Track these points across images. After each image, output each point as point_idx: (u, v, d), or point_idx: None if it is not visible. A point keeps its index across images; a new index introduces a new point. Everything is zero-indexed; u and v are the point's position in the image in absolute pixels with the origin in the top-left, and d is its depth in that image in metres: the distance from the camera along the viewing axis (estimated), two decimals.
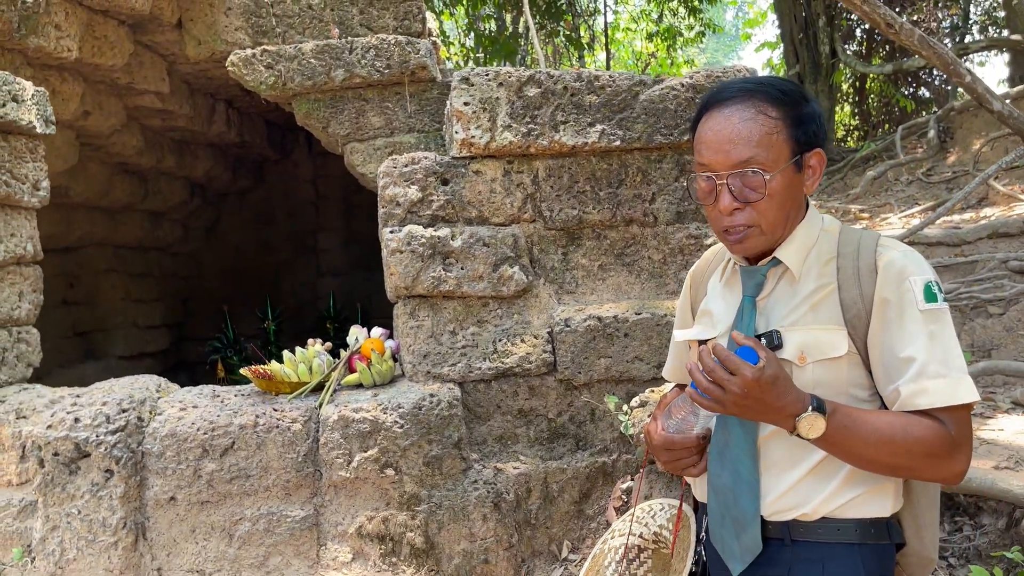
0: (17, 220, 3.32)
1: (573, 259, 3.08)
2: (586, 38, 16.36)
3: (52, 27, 4.00)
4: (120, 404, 2.77)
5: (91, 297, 6.89)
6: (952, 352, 1.36)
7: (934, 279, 1.40)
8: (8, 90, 3.10)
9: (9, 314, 3.28)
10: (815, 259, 1.47)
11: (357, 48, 4.47)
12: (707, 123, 1.45)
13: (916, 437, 1.31)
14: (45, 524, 2.67)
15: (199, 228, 8.50)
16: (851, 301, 1.42)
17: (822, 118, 1.50)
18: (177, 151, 6.66)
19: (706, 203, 1.48)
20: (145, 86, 5.16)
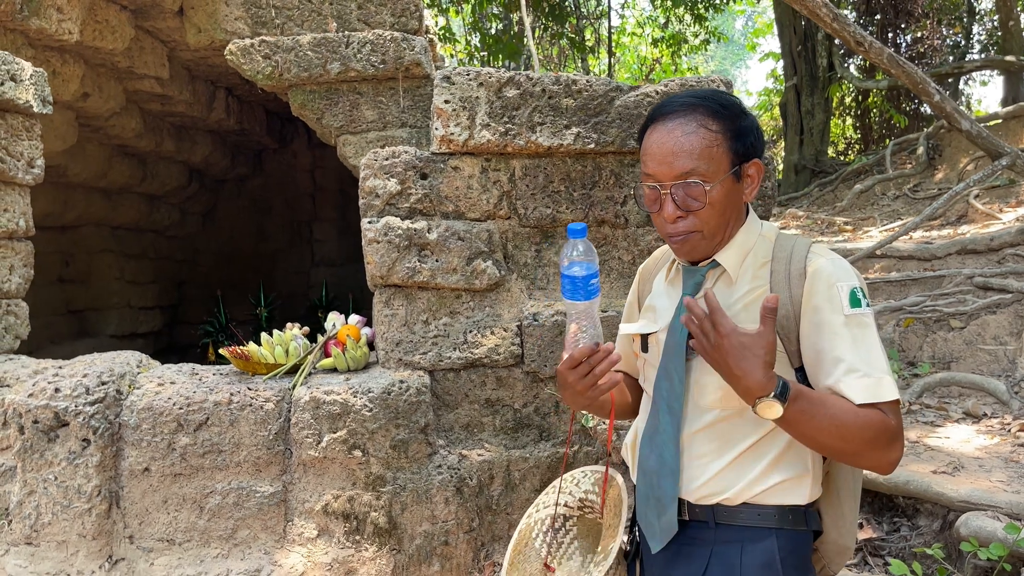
0: (11, 196, 3.42)
1: (546, 256, 3.18)
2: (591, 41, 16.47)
3: (54, 9, 4.10)
4: (100, 377, 2.87)
5: (86, 276, 6.99)
6: (874, 354, 1.45)
7: (859, 286, 1.50)
8: (6, 69, 3.20)
9: (0, 287, 3.38)
10: (751, 262, 1.57)
11: (353, 42, 4.57)
12: (652, 135, 1.54)
13: (863, 423, 1.39)
14: (23, 489, 2.77)
15: (196, 213, 8.60)
16: (780, 303, 1.50)
17: (759, 131, 1.60)
18: (176, 136, 6.76)
19: (652, 210, 1.57)
20: (145, 71, 5.26)
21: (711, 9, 14.26)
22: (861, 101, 14.15)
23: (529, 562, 1.91)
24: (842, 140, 16.09)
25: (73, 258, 6.87)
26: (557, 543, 1.93)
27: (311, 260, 9.22)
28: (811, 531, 1.58)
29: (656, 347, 1.66)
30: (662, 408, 1.59)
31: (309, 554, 2.85)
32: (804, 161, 11.94)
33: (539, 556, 1.90)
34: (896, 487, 2.63)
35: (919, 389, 3.73)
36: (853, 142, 15.53)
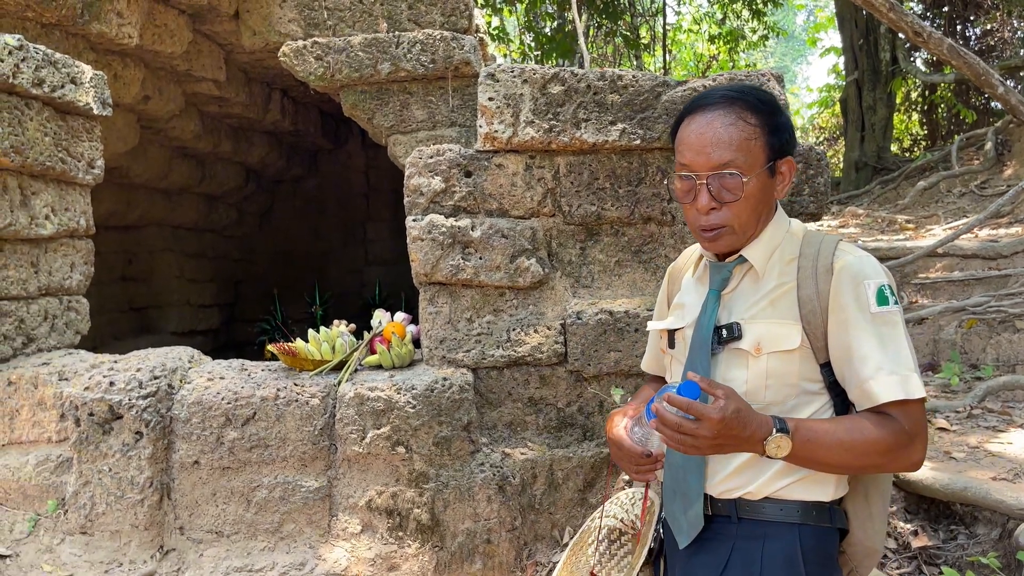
0: (72, 195, 3.53)
1: (590, 254, 3.15)
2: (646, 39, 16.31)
3: (114, 14, 4.23)
4: (153, 371, 2.94)
5: (148, 274, 7.20)
6: (902, 352, 1.45)
7: (887, 283, 1.49)
8: (67, 72, 3.30)
9: (61, 283, 3.50)
10: (778, 259, 1.57)
11: (403, 42, 4.60)
12: (690, 126, 1.55)
13: (873, 438, 1.40)
14: (78, 479, 2.86)
15: (253, 213, 8.78)
16: (807, 298, 1.51)
17: (793, 129, 1.61)
18: (233, 137, 6.91)
19: (684, 201, 1.58)
20: (203, 73, 5.39)
21: (770, 4, 13.98)
22: (927, 96, 13.70)
23: (579, 569, 1.94)
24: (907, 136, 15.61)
25: (135, 257, 7.09)
26: (610, 554, 1.95)
27: (364, 259, 9.34)
28: (836, 528, 1.57)
29: (683, 343, 1.67)
30: None
31: (353, 549, 2.87)
32: (865, 158, 11.61)
33: (588, 563, 1.94)
34: (954, 494, 2.53)
35: (981, 393, 3.59)
36: (919, 138, 15.05)
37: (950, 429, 3.32)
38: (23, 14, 3.83)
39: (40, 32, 3.97)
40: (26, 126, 3.11)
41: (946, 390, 3.96)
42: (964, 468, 2.76)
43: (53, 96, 3.22)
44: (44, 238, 3.36)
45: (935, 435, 3.23)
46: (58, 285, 3.48)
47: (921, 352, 4.76)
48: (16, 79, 3.02)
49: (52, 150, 3.28)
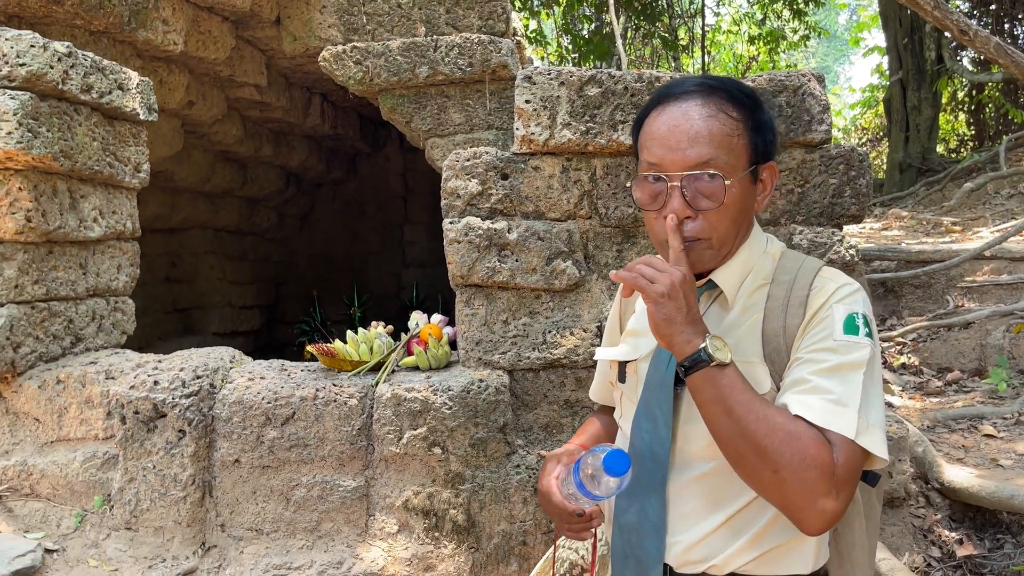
0: (118, 199, 3.62)
1: (627, 257, 3.13)
2: (685, 40, 16.20)
3: (160, 21, 4.32)
4: (195, 371, 3.00)
5: (191, 276, 7.34)
6: (853, 390, 1.17)
7: (861, 312, 1.25)
8: (114, 78, 3.39)
9: (108, 284, 3.58)
10: (750, 284, 1.35)
11: (441, 46, 4.64)
12: (660, 117, 1.29)
13: (796, 432, 1.13)
14: (124, 476, 2.93)
15: (293, 216, 8.91)
16: (773, 333, 1.27)
17: (776, 130, 1.39)
18: (274, 141, 7.02)
19: (650, 209, 1.31)
20: (245, 79, 5.48)
21: (812, 4, 13.79)
22: (974, 95, 13.40)
23: None
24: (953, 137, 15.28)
25: (179, 259, 7.23)
26: None
27: (402, 261, 9.41)
28: None
29: (635, 378, 1.43)
30: (644, 453, 1.35)
31: (390, 549, 2.89)
32: (910, 159, 11.39)
33: None
34: (1000, 501, 2.47)
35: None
36: (966, 139, 14.72)
37: (997, 436, 3.24)
38: (72, 22, 3.94)
39: (88, 39, 4.08)
40: (75, 131, 3.20)
41: (993, 396, 3.87)
42: (1011, 475, 2.69)
43: (101, 102, 3.30)
44: (92, 240, 3.45)
45: (981, 442, 3.16)
46: (105, 286, 3.56)
47: (967, 357, 4.66)
48: (65, 85, 3.10)
49: (100, 155, 3.36)
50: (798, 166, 3.04)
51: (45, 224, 3.09)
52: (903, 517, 2.70)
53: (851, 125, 20.18)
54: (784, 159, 3.02)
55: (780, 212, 3.06)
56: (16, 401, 3.08)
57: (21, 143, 2.91)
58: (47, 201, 3.12)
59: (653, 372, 1.37)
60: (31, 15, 3.83)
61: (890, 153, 12.37)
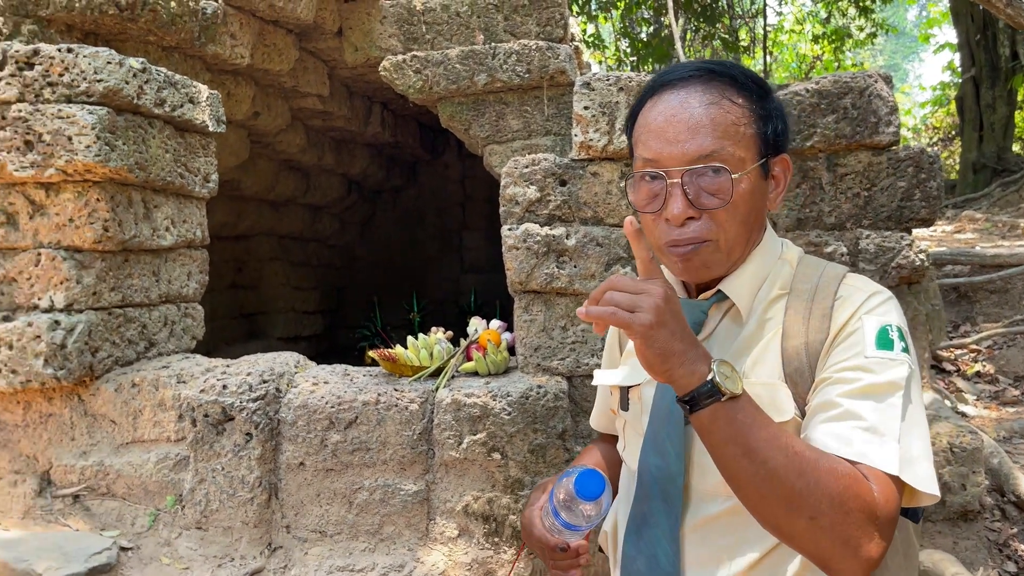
0: (189, 208, 3.74)
1: None
2: (746, 41, 15.96)
3: (228, 36, 4.46)
4: (262, 375, 3.08)
5: (256, 282, 7.54)
6: (891, 415, 1.02)
7: (896, 323, 1.10)
8: (186, 92, 3.51)
9: (179, 291, 3.71)
10: (765, 295, 1.20)
11: (500, 53, 4.67)
12: (656, 107, 1.15)
13: (832, 470, 0.97)
14: (194, 477, 3.02)
15: (354, 222, 9.07)
16: (794, 352, 1.13)
17: (788, 119, 1.26)
18: (336, 150, 7.16)
19: (647, 210, 1.17)
20: (308, 89, 5.61)
21: (879, 0, 13.44)
22: None
23: None
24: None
25: (245, 265, 7.43)
26: None
27: (460, 267, 9.49)
28: None
29: (639, 405, 1.27)
30: (653, 492, 1.19)
31: (450, 553, 2.92)
32: (984, 159, 10.99)
33: None
34: None
35: None
36: None
37: None
38: (145, 38, 4.09)
39: (161, 55, 4.23)
40: (149, 144, 3.32)
41: None
42: None
43: (173, 115, 3.42)
44: (164, 248, 3.58)
45: None
46: (176, 293, 3.69)
47: None
48: (140, 100, 3.22)
49: (172, 166, 3.48)
50: (864, 169, 2.97)
51: (121, 233, 3.21)
52: (977, 531, 2.61)
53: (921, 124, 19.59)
54: (850, 162, 2.96)
55: (846, 216, 2.99)
56: (94, 403, 3.21)
57: (99, 156, 3.03)
58: (123, 211, 3.24)
59: (660, 398, 1.20)
60: (107, 32, 3.99)
61: (963, 153, 11.96)
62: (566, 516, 1.08)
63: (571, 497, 1.07)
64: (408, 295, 9.06)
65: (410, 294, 9.04)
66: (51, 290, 3.13)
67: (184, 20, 4.07)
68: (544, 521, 1.22)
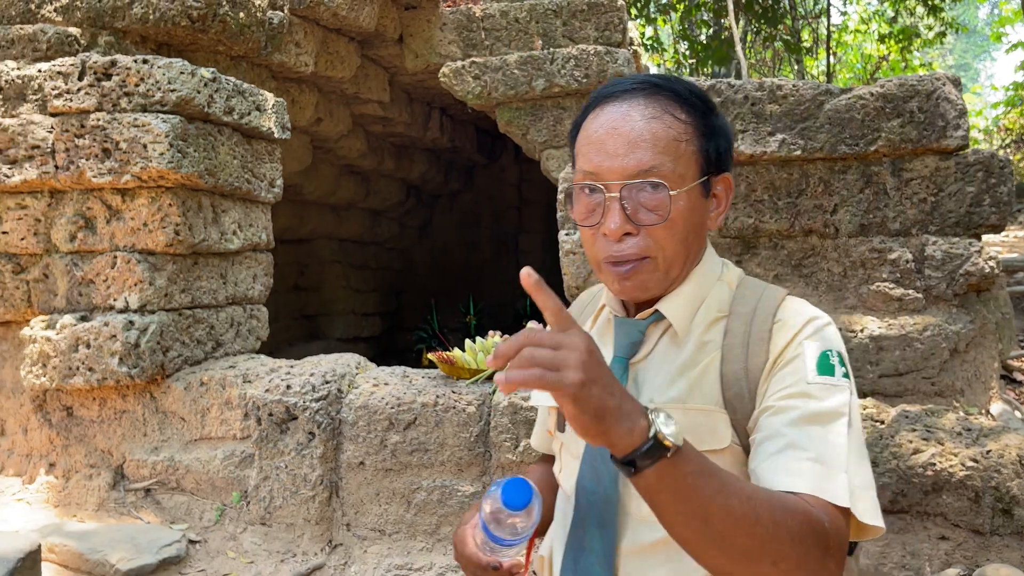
0: (255, 213, 3.86)
1: (747, 267, 3.08)
2: (809, 41, 15.66)
3: (293, 45, 4.58)
4: (324, 376, 3.15)
5: (317, 284, 7.70)
6: (837, 444, 0.99)
7: (836, 349, 1.08)
8: (253, 100, 3.62)
9: (245, 293, 3.82)
10: (703, 316, 1.16)
11: (558, 59, 4.69)
12: (597, 119, 1.13)
13: (786, 507, 0.92)
14: (259, 474, 3.11)
15: (413, 226, 9.19)
16: (733, 377, 1.09)
17: (732, 137, 1.22)
18: (396, 155, 7.28)
19: (585, 224, 1.14)
20: (369, 95, 5.72)
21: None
22: None
23: None
24: None
25: (307, 268, 7.60)
26: None
27: (517, 270, 9.49)
28: None
29: None
30: (590, 518, 1.14)
31: None
32: None
33: None
34: None
35: None
36: None
37: None
38: (215, 48, 4.23)
39: (229, 64, 4.37)
40: (218, 150, 3.43)
41: None
42: None
43: (241, 123, 3.54)
44: (231, 252, 3.69)
45: None
46: (242, 295, 3.80)
47: None
48: (210, 108, 3.34)
49: (239, 172, 3.60)
50: (931, 174, 2.90)
51: (191, 237, 3.33)
52: None
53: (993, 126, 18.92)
54: (916, 167, 2.90)
55: (911, 222, 2.93)
56: (165, 401, 3.33)
57: (172, 163, 3.15)
58: (193, 216, 3.36)
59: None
60: (179, 43, 4.14)
61: None
62: (495, 530, 1.01)
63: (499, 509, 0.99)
64: (465, 298, 9.14)
65: (467, 297, 9.12)
66: (126, 291, 3.26)
67: (252, 30, 4.20)
68: (475, 538, 1.14)
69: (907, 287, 2.92)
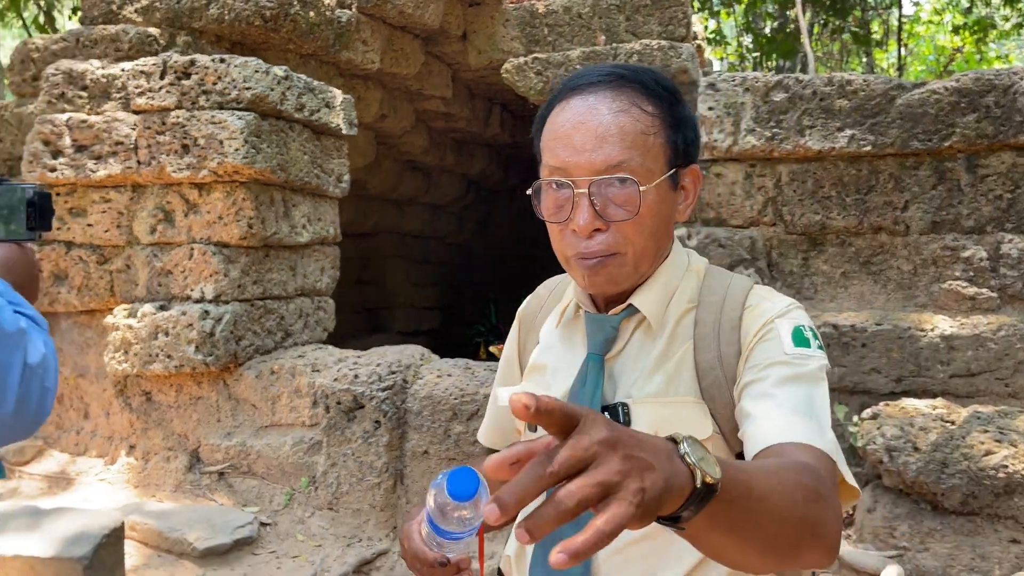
0: (323, 207, 3.96)
1: (813, 265, 3.05)
2: (879, 33, 15.24)
3: (360, 42, 4.68)
4: (390, 367, 3.23)
5: (379, 278, 7.84)
6: (820, 404, 0.99)
7: (807, 324, 1.09)
8: (322, 98, 3.71)
9: (313, 285, 3.93)
10: (675, 308, 1.15)
11: (620, 54, 4.68)
12: (563, 113, 1.10)
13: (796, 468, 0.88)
14: (327, 460, 3.21)
15: (472, 221, 9.27)
16: (708, 366, 1.09)
17: (698, 127, 1.19)
18: (457, 150, 7.36)
19: (554, 220, 1.13)
20: (432, 92, 5.80)
21: None
22: None
23: None
24: None
25: (369, 262, 7.74)
26: None
27: None
28: None
29: None
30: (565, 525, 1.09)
31: None
32: None
33: None
34: None
35: None
36: None
37: None
38: (286, 46, 4.35)
39: (299, 62, 4.49)
40: (289, 146, 3.54)
41: None
42: None
43: (311, 119, 3.63)
44: (301, 245, 3.80)
45: None
46: (311, 287, 3.91)
47: None
48: (282, 105, 3.44)
49: (309, 167, 3.70)
50: (1008, 170, 2.83)
51: (263, 230, 3.44)
52: None
53: None
54: (992, 163, 2.83)
55: (986, 219, 2.86)
56: (237, 388, 3.46)
57: (246, 158, 3.26)
58: (265, 209, 3.47)
59: None
60: (252, 41, 4.27)
61: None
62: (441, 523, 0.95)
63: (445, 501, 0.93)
64: (522, 292, 9.19)
65: (524, 291, 9.17)
66: (202, 282, 3.39)
67: (321, 29, 4.30)
68: (421, 532, 1.08)
69: (981, 286, 2.85)
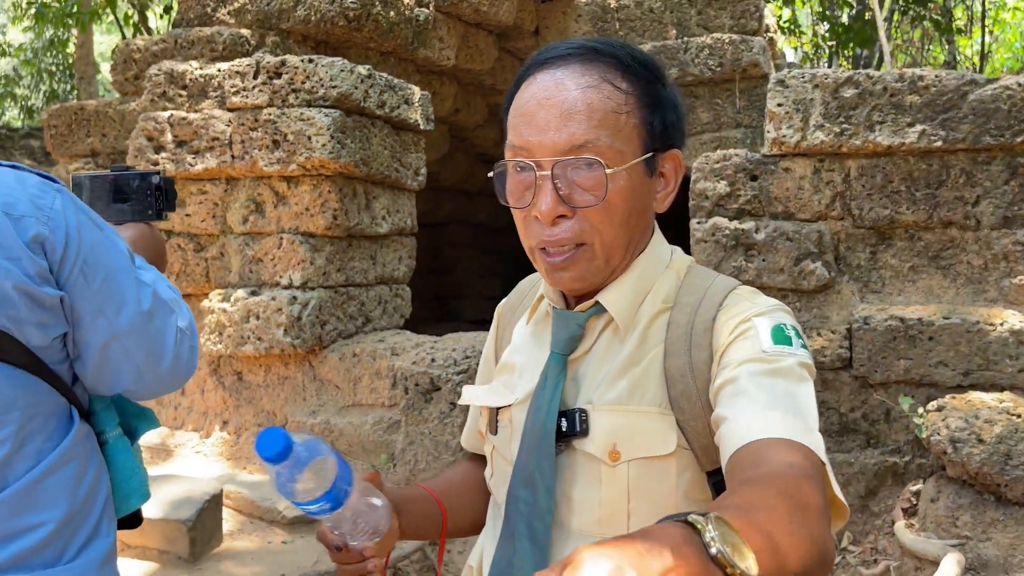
0: (401, 199, 4.15)
1: (881, 259, 3.08)
2: (962, 20, 14.73)
3: (436, 40, 4.85)
4: (465, 352, 3.40)
5: (450, 267, 8.05)
6: (805, 403, 0.89)
7: (790, 323, 0.96)
8: (402, 94, 3.89)
9: (391, 273, 4.13)
10: (648, 308, 1.03)
11: (692, 48, 4.75)
12: (529, 88, 0.99)
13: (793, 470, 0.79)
14: (405, 439, 3.39)
15: None
16: (678, 373, 0.98)
17: (682, 109, 1.06)
18: None
19: (517, 206, 1.00)
20: (505, 86, 5.92)
21: None
22: None
23: None
24: None
25: (441, 252, 7.96)
26: None
27: None
28: None
29: (508, 430, 1.07)
30: (519, 529, 1.02)
31: None
32: None
33: None
34: None
35: None
36: None
37: None
38: (367, 45, 4.55)
39: (379, 59, 4.68)
40: (371, 141, 3.73)
41: None
42: None
43: (391, 115, 3.82)
44: (380, 235, 4.00)
45: None
46: (389, 275, 4.11)
47: None
48: (365, 102, 3.63)
49: (389, 161, 3.89)
50: None
51: (347, 221, 3.65)
52: None
53: None
54: None
55: None
56: (321, 370, 3.68)
57: (332, 153, 3.46)
58: (348, 201, 3.67)
59: (532, 423, 1.01)
60: (335, 40, 4.48)
61: None
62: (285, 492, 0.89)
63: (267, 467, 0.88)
64: None
65: None
66: (290, 270, 3.62)
67: (400, 27, 4.49)
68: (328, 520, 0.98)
69: None
